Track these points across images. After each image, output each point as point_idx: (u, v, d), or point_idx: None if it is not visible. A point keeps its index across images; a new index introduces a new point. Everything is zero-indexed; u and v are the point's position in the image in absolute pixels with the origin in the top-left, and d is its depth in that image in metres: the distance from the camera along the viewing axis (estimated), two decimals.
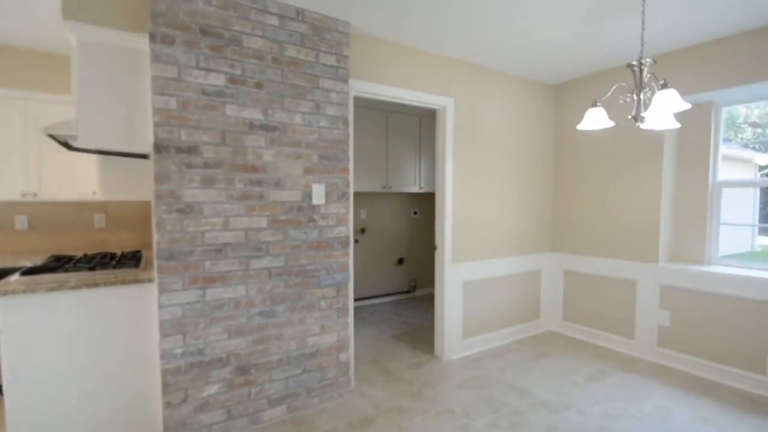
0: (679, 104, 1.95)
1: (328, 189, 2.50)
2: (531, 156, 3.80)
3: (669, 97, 1.97)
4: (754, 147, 3.56)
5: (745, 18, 2.53)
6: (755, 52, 2.69)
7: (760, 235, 3.67)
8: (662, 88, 2.00)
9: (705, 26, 2.65)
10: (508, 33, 2.75)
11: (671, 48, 3.02)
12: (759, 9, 2.41)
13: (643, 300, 3.30)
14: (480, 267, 3.45)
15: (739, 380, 2.79)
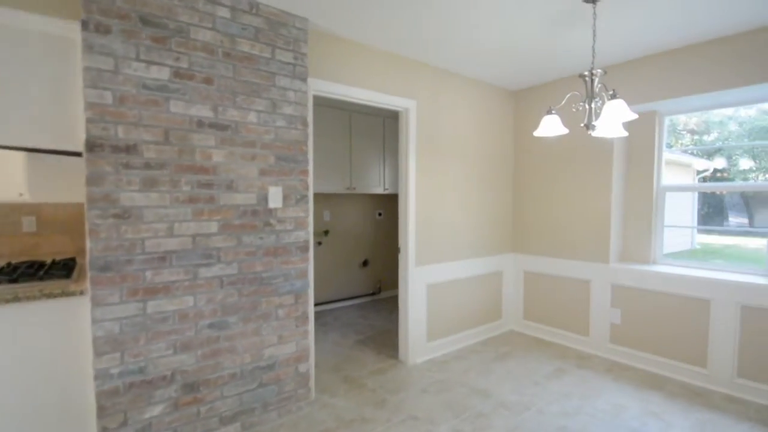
0: (627, 114, 1.97)
1: (286, 192, 2.34)
2: (492, 159, 3.79)
3: (617, 107, 1.99)
4: (693, 152, 3.74)
5: (685, 34, 2.61)
6: (694, 65, 2.78)
7: (699, 233, 3.88)
8: (611, 98, 2.02)
9: (650, 40, 2.71)
10: (469, 38, 2.70)
11: (621, 59, 3.09)
12: (698, 26, 2.50)
13: (596, 299, 3.36)
14: (444, 269, 3.39)
15: (684, 374, 2.88)
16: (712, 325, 2.74)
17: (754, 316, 2.58)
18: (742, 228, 3.68)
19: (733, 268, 2.88)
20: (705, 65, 2.74)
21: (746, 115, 3.29)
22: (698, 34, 2.63)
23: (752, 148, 3.40)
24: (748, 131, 3.34)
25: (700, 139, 3.66)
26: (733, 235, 3.90)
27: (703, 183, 3.56)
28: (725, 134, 3.41)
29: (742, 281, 2.63)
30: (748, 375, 2.60)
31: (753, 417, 2.38)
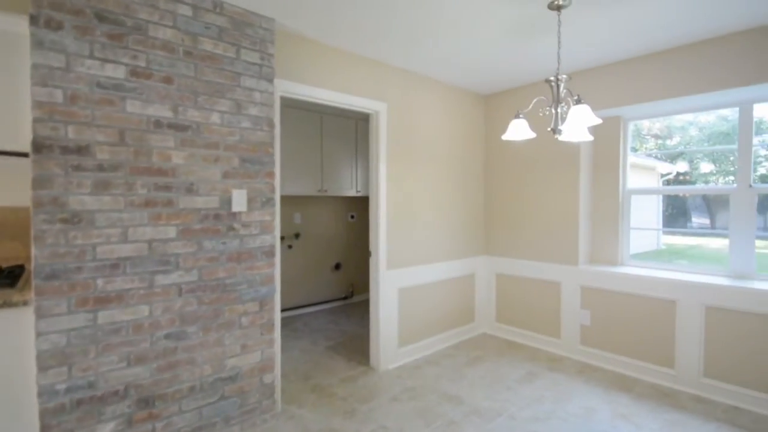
0: (591, 119, 2.02)
1: (250, 195, 2.29)
2: (463, 162, 3.83)
3: (582, 112, 2.03)
4: (657, 156, 3.88)
5: (645, 42, 2.70)
6: (655, 73, 2.89)
7: (664, 234, 4.02)
8: (576, 103, 2.07)
9: (613, 48, 2.79)
10: (437, 42, 2.71)
11: (588, 66, 3.17)
12: (657, 35, 2.59)
13: (566, 301, 3.42)
14: (415, 273, 3.39)
15: (653, 375, 2.95)
16: (679, 326, 2.82)
17: (718, 317, 2.66)
18: (704, 229, 3.83)
19: (698, 269, 2.98)
20: (665, 73, 2.85)
21: (706, 121, 3.44)
22: (658, 42, 2.72)
23: (712, 153, 3.55)
24: (707, 136, 3.49)
25: (663, 144, 3.81)
26: (697, 236, 4.06)
27: (666, 186, 3.69)
28: (687, 139, 3.55)
29: (707, 282, 2.72)
30: (714, 375, 2.68)
31: (720, 417, 2.45)
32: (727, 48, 2.60)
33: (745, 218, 2.77)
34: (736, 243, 2.81)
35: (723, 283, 2.66)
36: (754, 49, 2.50)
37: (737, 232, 2.80)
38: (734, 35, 2.57)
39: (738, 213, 2.80)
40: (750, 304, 2.53)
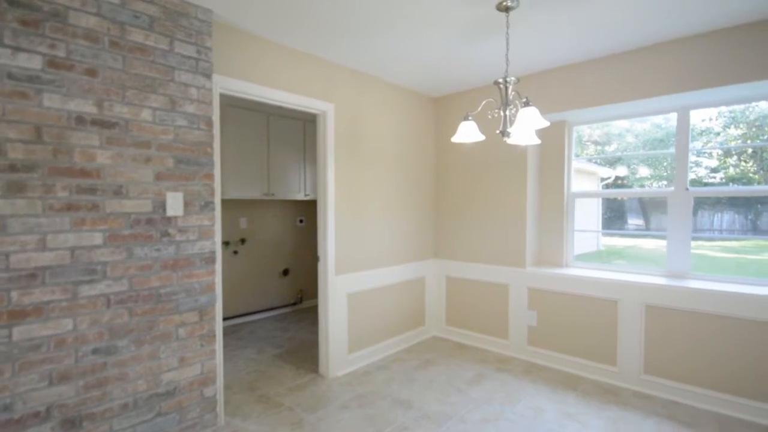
0: (539, 121, 2.17)
1: (187, 198, 2.25)
2: (414, 165, 3.95)
3: (530, 115, 2.19)
4: (597, 161, 4.23)
5: (592, 46, 2.92)
6: (601, 77, 3.14)
7: (603, 236, 4.38)
8: (524, 105, 2.23)
9: (561, 52, 3.00)
10: (386, 43, 2.79)
11: (535, 70, 3.37)
12: (609, 37, 2.78)
13: (514, 302, 3.64)
14: (365, 277, 3.46)
15: (596, 373, 3.20)
16: (621, 325, 3.08)
17: (657, 315, 2.94)
18: (643, 231, 4.22)
19: (638, 270, 3.28)
20: (607, 78, 3.09)
21: (642, 128, 3.80)
22: (602, 48, 2.95)
23: (647, 158, 3.92)
24: (643, 142, 3.85)
25: (602, 150, 4.15)
26: (636, 237, 4.46)
27: (607, 189, 4.02)
28: (624, 145, 3.90)
29: (647, 282, 2.98)
30: (654, 371, 2.96)
31: (660, 412, 2.70)
32: (665, 55, 2.84)
33: (681, 220, 3.07)
34: (673, 243, 3.11)
35: (662, 283, 2.93)
36: (690, 56, 2.75)
37: (674, 233, 3.11)
38: (672, 43, 2.81)
39: (675, 215, 3.10)
40: (687, 303, 2.81)
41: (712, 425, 2.53)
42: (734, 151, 3.34)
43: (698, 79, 2.74)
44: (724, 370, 2.70)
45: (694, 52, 2.75)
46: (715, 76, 2.68)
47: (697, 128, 3.30)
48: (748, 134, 3.19)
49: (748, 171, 3.21)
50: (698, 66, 2.74)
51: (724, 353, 2.70)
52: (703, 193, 3.09)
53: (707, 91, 2.76)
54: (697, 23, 2.59)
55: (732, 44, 2.61)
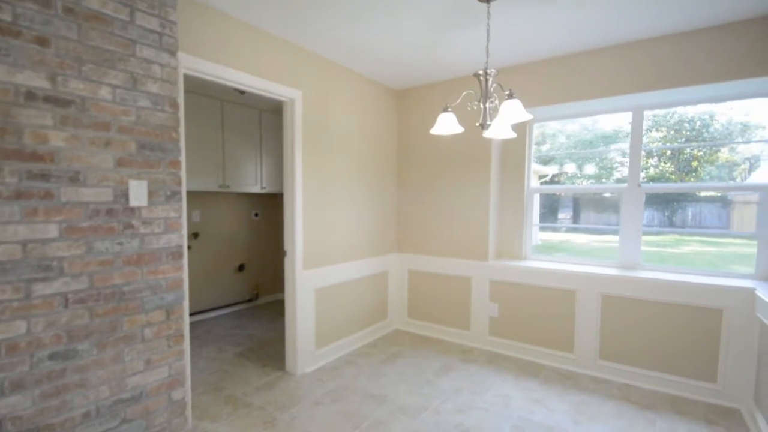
0: (522, 114, 2.25)
1: (152, 187, 2.08)
2: (378, 159, 3.94)
3: (514, 107, 2.26)
4: (536, 160, 4.39)
5: (556, 45, 3.06)
6: (564, 75, 3.28)
7: (540, 231, 4.56)
8: (508, 97, 2.29)
9: (528, 47, 3.11)
10: (353, 31, 2.75)
11: (503, 64, 3.47)
12: (575, 35, 2.91)
13: (476, 295, 3.76)
14: (332, 272, 3.41)
15: (555, 360, 3.39)
16: (578, 314, 3.29)
17: (611, 304, 3.16)
18: (593, 226, 4.47)
19: (592, 262, 3.51)
20: (570, 76, 3.24)
21: (572, 130, 4.02)
22: (567, 46, 3.11)
23: (579, 157, 4.14)
24: (574, 143, 4.08)
25: (539, 149, 4.35)
26: (589, 232, 4.70)
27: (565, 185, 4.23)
28: (556, 145, 4.11)
29: (603, 273, 3.19)
30: (608, 357, 3.19)
31: (616, 395, 2.90)
32: (624, 56, 3.03)
33: (634, 214, 3.31)
34: (625, 236, 3.36)
35: (617, 273, 3.16)
36: (647, 58, 2.95)
37: (627, 227, 3.35)
38: (631, 44, 3.00)
39: (628, 210, 3.33)
40: (639, 292, 3.05)
41: (665, 405, 2.77)
42: (655, 153, 3.65)
43: (653, 81, 2.95)
44: (672, 354, 2.96)
45: (651, 54, 2.94)
46: (669, 78, 2.90)
47: (624, 130, 3.55)
48: (667, 137, 3.48)
49: (666, 171, 3.51)
50: (654, 68, 2.94)
51: (671, 338, 2.96)
52: (654, 189, 3.37)
53: (660, 93, 2.99)
54: (654, 26, 2.77)
55: (686, 48, 2.83)
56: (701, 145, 3.42)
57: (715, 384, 2.84)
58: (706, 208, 3.55)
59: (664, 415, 2.65)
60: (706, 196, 3.34)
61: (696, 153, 3.53)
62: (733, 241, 3.46)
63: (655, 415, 2.64)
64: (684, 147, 3.51)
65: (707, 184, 3.29)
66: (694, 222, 3.54)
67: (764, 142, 3.12)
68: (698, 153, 3.47)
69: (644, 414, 2.65)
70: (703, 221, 3.59)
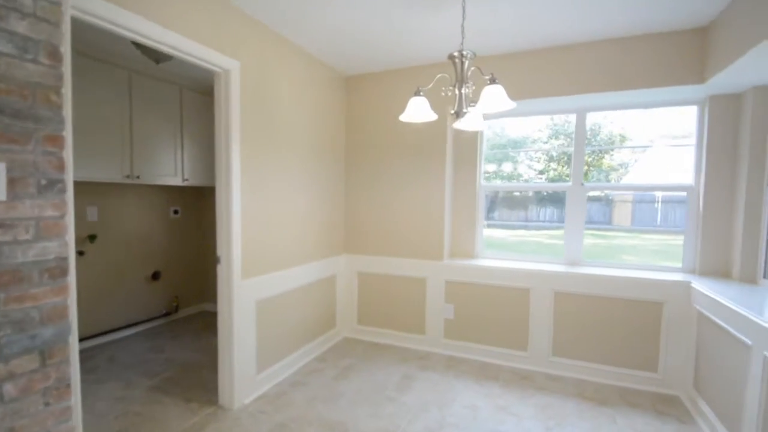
0: (505, 101, 1.86)
1: (15, 173, 1.30)
2: (325, 150, 3.34)
3: (496, 93, 1.86)
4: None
5: (510, 42, 2.75)
6: (516, 72, 2.99)
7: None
8: (491, 83, 1.88)
9: (484, 41, 2.80)
10: (311, 3, 2.20)
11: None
12: (527, 33, 2.62)
13: (431, 296, 3.35)
14: (276, 280, 2.75)
15: (510, 359, 3.11)
16: (532, 311, 3.03)
17: (563, 300, 2.95)
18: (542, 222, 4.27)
19: (538, 259, 3.29)
20: (521, 73, 2.97)
21: (488, 134, 3.80)
22: (520, 43, 2.83)
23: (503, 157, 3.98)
24: (491, 146, 3.88)
25: None
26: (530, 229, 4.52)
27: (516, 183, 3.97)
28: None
29: (556, 270, 2.98)
30: (561, 353, 2.97)
31: (572, 392, 2.69)
32: (570, 57, 2.84)
33: (577, 212, 3.16)
34: (570, 233, 3.19)
35: (569, 270, 2.96)
36: (592, 60, 2.79)
37: (571, 224, 3.18)
38: (577, 46, 2.82)
39: (572, 207, 3.17)
40: (589, 288, 2.88)
41: (617, 399, 2.62)
42: (555, 157, 3.63)
43: (596, 83, 2.80)
44: (618, 347, 2.83)
45: (596, 56, 2.79)
46: (611, 81, 2.76)
47: (532, 137, 3.49)
48: (564, 144, 3.47)
49: (563, 174, 3.51)
50: (597, 70, 2.79)
51: (617, 331, 2.83)
52: (594, 188, 3.24)
53: (603, 95, 2.85)
54: (597, 29, 2.62)
55: (629, 52, 2.70)
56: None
57: (656, 373, 2.77)
58: (594, 207, 3.58)
59: (620, 409, 2.50)
60: (594, 196, 3.37)
61: (587, 159, 3.57)
62: (617, 234, 3.53)
63: (613, 411, 2.47)
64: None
65: (637, 184, 3.24)
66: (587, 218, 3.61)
67: (639, 148, 3.13)
68: (588, 159, 3.50)
69: (602, 411, 2.47)
70: (591, 218, 3.62)
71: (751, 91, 2.57)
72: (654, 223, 3.36)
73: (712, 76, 2.45)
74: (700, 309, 2.49)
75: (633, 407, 2.52)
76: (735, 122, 2.72)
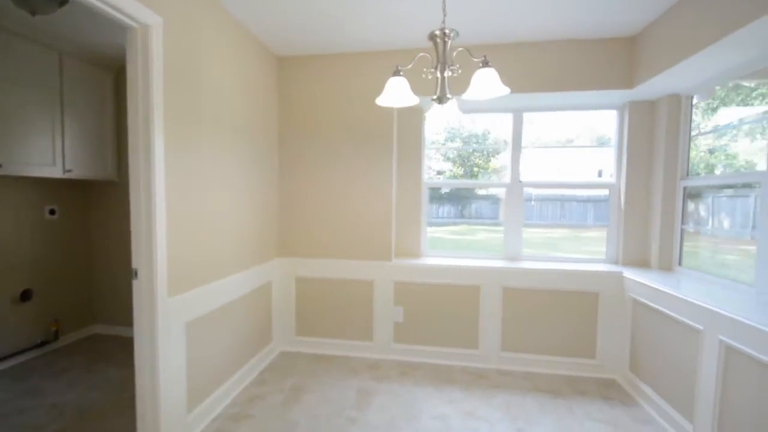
0: (499, 87, 1.67)
1: None
2: (258, 140, 2.83)
3: (490, 77, 1.66)
4: None
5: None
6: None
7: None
8: (483, 66, 1.67)
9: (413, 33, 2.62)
10: None
11: (390, 48, 2.88)
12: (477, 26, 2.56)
13: (379, 299, 3.07)
14: (209, 294, 2.20)
15: (463, 359, 2.99)
16: (482, 308, 2.95)
17: (510, 296, 2.92)
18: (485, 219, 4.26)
19: (480, 255, 3.24)
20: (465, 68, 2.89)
21: None
22: (470, 36, 2.73)
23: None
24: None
25: None
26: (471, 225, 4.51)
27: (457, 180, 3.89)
28: None
29: (502, 266, 2.94)
30: (509, 348, 2.94)
31: (527, 386, 2.66)
32: (512, 55, 2.79)
33: (516, 208, 3.18)
34: (510, 230, 3.20)
35: (516, 266, 2.94)
36: (534, 60, 2.78)
37: (511, 221, 3.19)
38: (517, 45, 2.79)
39: (511, 204, 3.17)
40: (534, 282, 2.89)
41: (566, 388, 2.66)
42: (451, 159, 3.78)
43: (532, 84, 2.81)
44: (560, 337, 2.90)
45: (534, 57, 2.80)
46: (548, 82, 2.79)
47: (430, 140, 3.50)
48: (459, 147, 3.64)
49: (458, 174, 3.69)
50: (534, 71, 2.80)
51: (560, 322, 2.90)
52: (528, 186, 3.29)
53: (538, 96, 2.87)
54: (534, 31, 2.63)
55: (565, 55, 2.75)
56: None
57: (595, 360, 2.89)
58: (485, 204, 3.81)
59: (573, 399, 2.53)
60: (484, 194, 3.60)
61: (477, 161, 3.82)
62: (499, 228, 3.76)
63: (568, 402, 2.50)
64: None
65: (566, 182, 3.39)
66: (477, 214, 3.83)
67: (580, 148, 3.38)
68: (479, 161, 3.74)
69: (559, 402, 2.49)
70: (482, 214, 3.87)
71: (665, 99, 2.80)
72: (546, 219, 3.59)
73: (641, 82, 2.61)
74: (635, 297, 2.63)
75: (583, 395, 2.57)
76: (650, 126, 2.96)
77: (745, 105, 2.57)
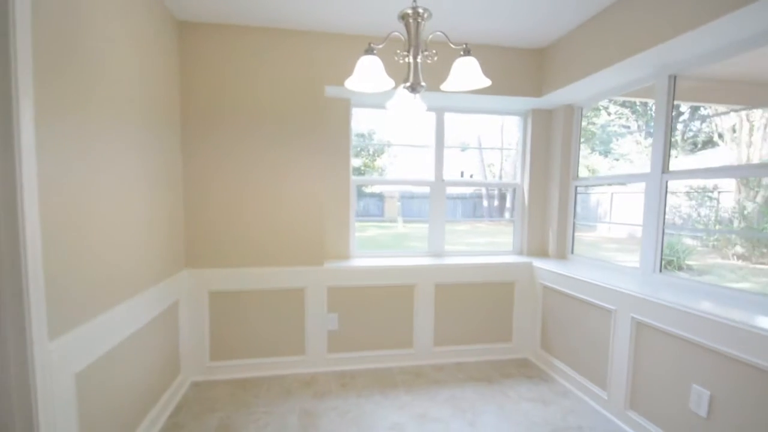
0: (480, 78, 1.55)
1: None
2: (160, 124, 2.18)
3: (471, 65, 1.53)
4: None
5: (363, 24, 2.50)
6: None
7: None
8: (464, 54, 1.54)
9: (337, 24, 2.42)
10: None
11: (312, 28, 2.59)
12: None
13: (312, 307, 2.72)
14: (104, 328, 1.57)
15: (399, 359, 2.86)
16: (416, 307, 2.86)
17: (441, 291, 2.90)
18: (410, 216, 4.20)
19: (406, 253, 3.17)
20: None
21: None
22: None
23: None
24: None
25: None
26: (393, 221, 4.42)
27: (385, 177, 3.75)
28: None
29: (433, 263, 2.89)
30: (440, 342, 2.92)
31: (462, 377, 2.66)
32: (439, 54, 2.78)
33: (439, 206, 3.19)
34: (434, 227, 3.19)
35: (445, 262, 2.93)
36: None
37: (435, 218, 3.19)
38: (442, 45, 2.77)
39: (434, 202, 3.17)
40: (461, 276, 2.92)
41: (494, 373, 2.77)
42: None
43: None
44: (483, 326, 3.02)
45: (455, 58, 2.82)
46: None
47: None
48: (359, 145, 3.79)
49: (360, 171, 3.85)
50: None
51: (482, 312, 3.01)
52: (450, 185, 3.35)
53: (459, 97, 2.88)
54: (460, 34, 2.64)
55: (484, 60, 2.80)
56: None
57: (510, 343, 3.07)
58: (372, 201, 4.00)
59: (504, 383, 2.63)
60: (372, 192, 3.80)
61: (365, 160, 3.98)
62: (391, 224, 4.02)
63: (501, 386, 2.59)
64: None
65: (476, 181, 3.57)
66: (364, 212, 4.00)
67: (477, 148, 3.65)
68: (366, 161, 3.91)
69: (494, 388, 2.56)
70: (370, 211, 4.06)
71: (561, 108, 3.13)
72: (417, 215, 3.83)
73: (549, 92, 2.85)
74: (545, 283, 2.87)
75: (509, 377, 2.70)
76: (548, 131, 3.27)
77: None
